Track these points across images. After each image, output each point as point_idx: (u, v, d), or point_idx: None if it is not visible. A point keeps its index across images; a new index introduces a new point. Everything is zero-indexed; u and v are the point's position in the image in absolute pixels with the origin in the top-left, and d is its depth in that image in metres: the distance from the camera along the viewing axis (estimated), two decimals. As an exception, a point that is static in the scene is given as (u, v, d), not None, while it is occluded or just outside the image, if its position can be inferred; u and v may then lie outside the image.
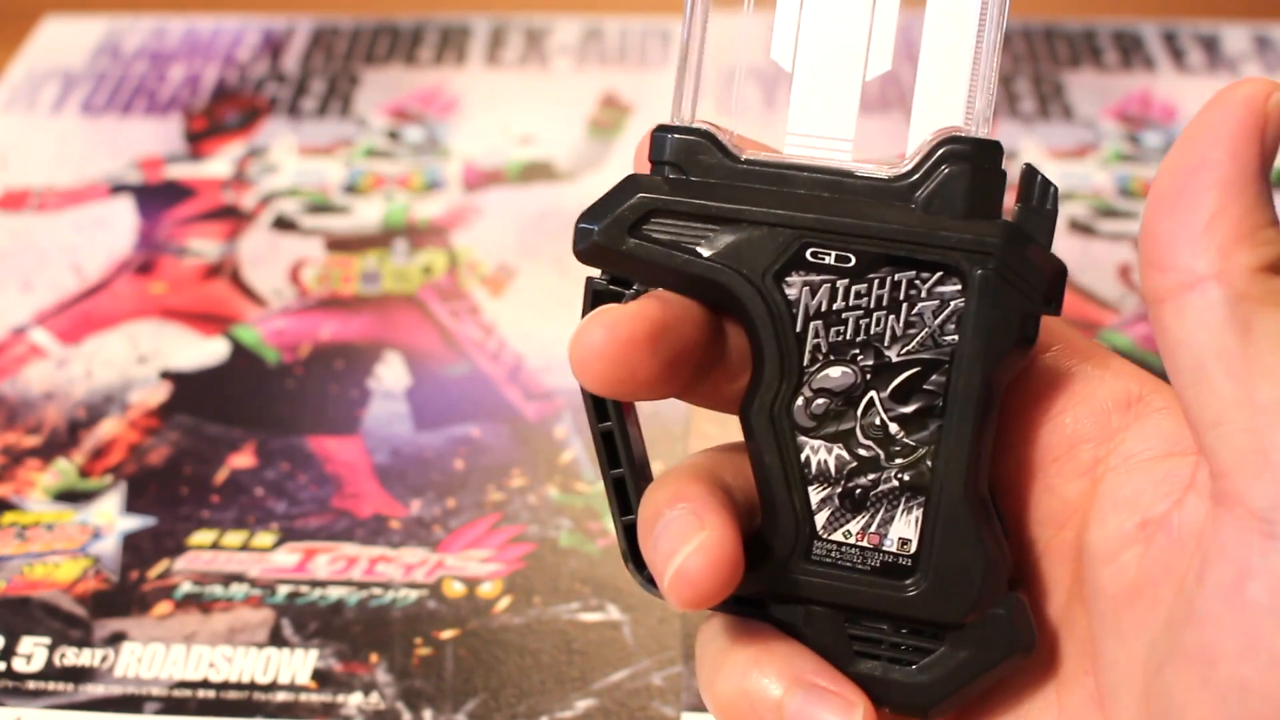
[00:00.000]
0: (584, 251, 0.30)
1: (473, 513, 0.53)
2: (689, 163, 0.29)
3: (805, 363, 0.29)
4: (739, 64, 0.31)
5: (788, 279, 0.29)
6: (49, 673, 0.47)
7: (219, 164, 0.73)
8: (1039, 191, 0.29)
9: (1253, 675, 0.26)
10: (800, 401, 0.29)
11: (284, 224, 0.69)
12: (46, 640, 0.48)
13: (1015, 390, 0.30)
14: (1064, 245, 0.67)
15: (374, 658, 0.47)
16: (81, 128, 0.77)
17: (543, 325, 0.62)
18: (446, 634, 0.48)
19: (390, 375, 0.60)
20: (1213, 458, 0.27)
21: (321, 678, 0.47)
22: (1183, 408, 0.28)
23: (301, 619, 0.49)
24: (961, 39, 0.29)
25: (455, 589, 0.50)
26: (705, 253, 0.29)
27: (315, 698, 0.46)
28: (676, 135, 0.29)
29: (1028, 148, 0.74)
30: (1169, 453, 0.29)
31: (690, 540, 0.28)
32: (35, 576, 0.51)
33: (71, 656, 0.47)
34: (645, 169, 0.30)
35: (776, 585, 0.30)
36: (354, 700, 0.46)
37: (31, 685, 0.47)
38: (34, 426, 0.57)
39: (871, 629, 0.30)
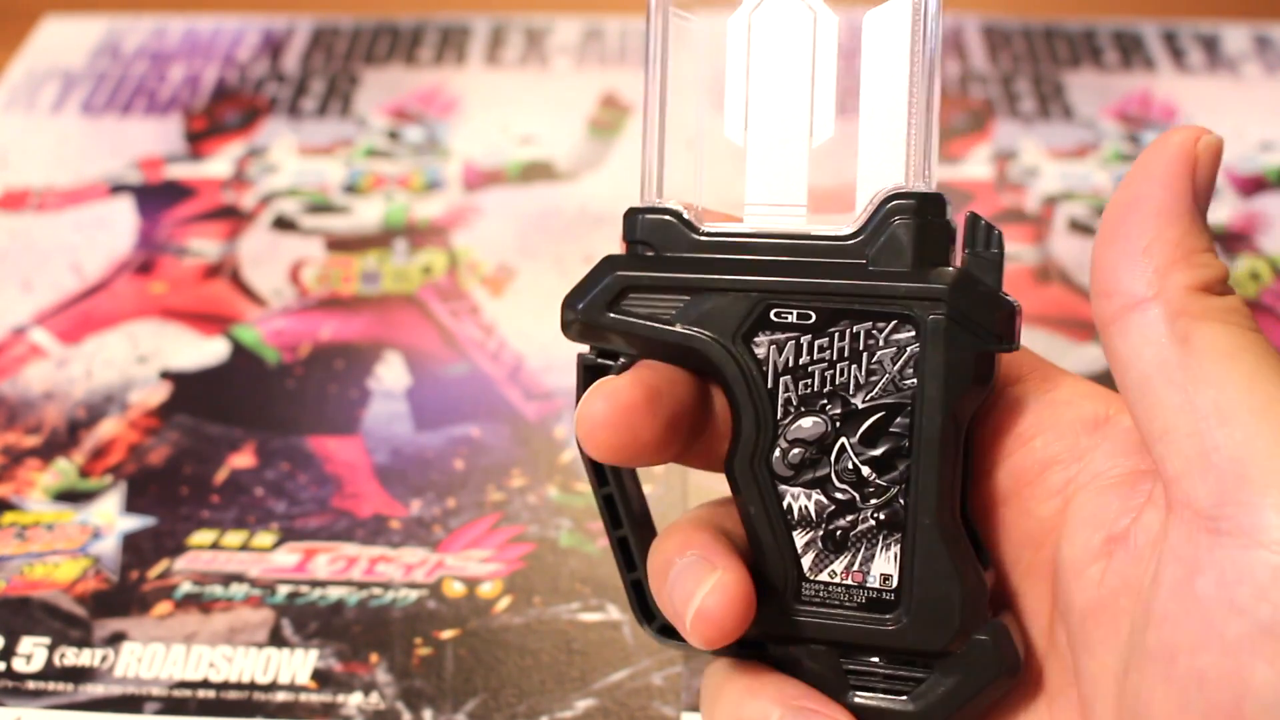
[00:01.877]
0: (570, 328, 0.32)
1: (473, 513, 0.53)
2: (659, 240, 0.31)
3: (779, 416, 0.31)
4: (699, 151, 0.32)
5: (755, 339, 0.31)
6: (49, 673, 0.47)
7: (219, 164, 0.73)
8: (983, 236, 0.30)
9: (1209, 665, 0.27)
10: (778, 453, 0.31)
11: (284, 224, 0.69)
12: (46, 640, 0.48)
13: (988, 419, 0.32)
14: (1064, 245, 0.67)
15: (374, 658, 0.47)
16: (81, 128, 0.77)
17: (543, 325, 0.62)
18: (446, 634, 0.48)
19: (390, 375, 0.60)
20: (1163, 467, 0.28)
21: (321, 678, 0.47)
22: (1135, 424, 0.29)
23: (301, 619, 0.49)
24: (894, 101, 0.31)
25: (455, 589, 0.50)
26: (679, 321, 0.31)
27: (315, 698, 0.46)
28: (646, 216, 0.32)
29: (1028, 148, 0.74)
30: (1135, 469, 0.30)
31: (705, 581, 0.30)
32: (35, 576, 0.51)
33: (71, 656, 0.47)
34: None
35: (771, 626, 0.32)
36: (354, 700, 0.46)
37: (31, 685, 0.47)
38: (34, 426, 0.57)
39: (864, 662, 0.32)
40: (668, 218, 0.31)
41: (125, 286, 0.65)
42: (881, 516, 0.31)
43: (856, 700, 0.32)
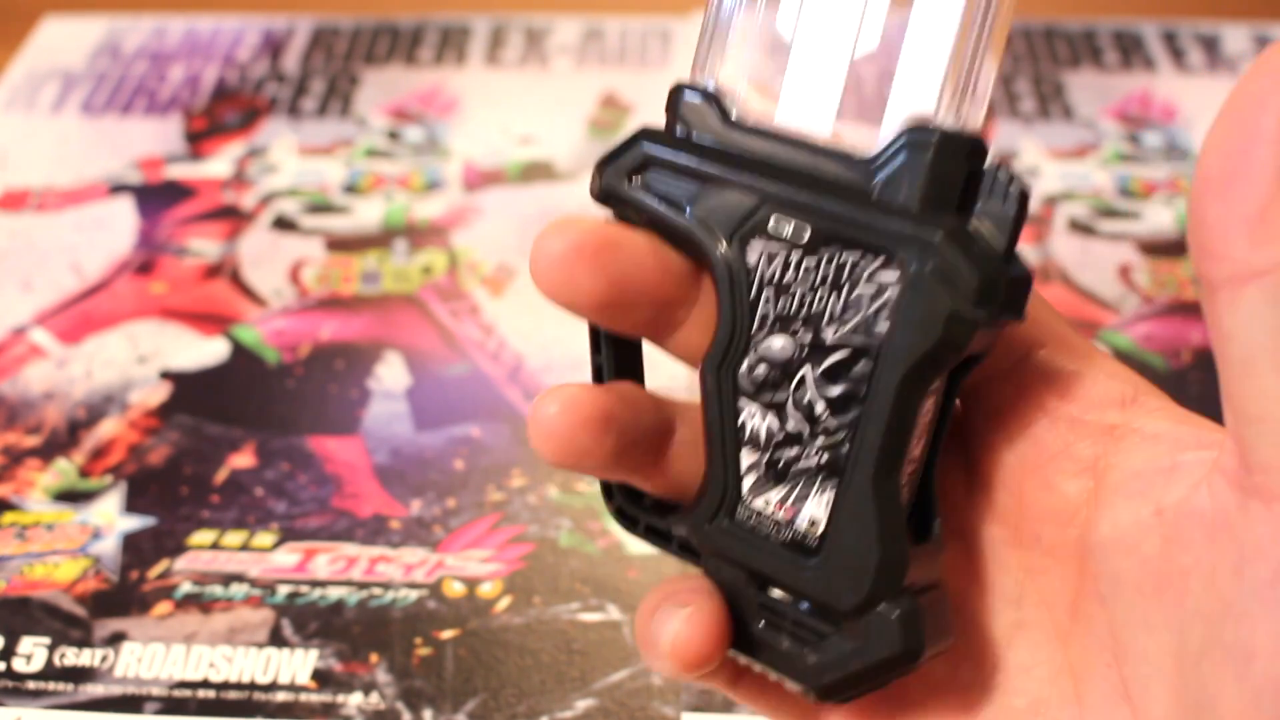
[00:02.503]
0: (595, 190, 0.32)
1: (473, 513, 0.53)
2: (693, 121, 0.31)
3: (754, 328, 0.30)
4: (751, 33, 0.31)
5: (751, 244, 0.30)
6: (49, 673, 0.47)
7: (219, 164, 0.73)
8: (1001, 189, 0.28)
9: None
10: (746, 365, 0.30)
11: (284, 224, 0.69)
12: (46, 640, 0.48)
13: (1010, 387, 0.31)
14: (1064, 245, 0.67)
15: (374, 658, 0.47)
16: (81, 128, 0.77)
17: (543, 325, 0.62)
18: (446, 634, 0.48)
19: (390, 375, 0.60)
20: (1251, 452, 0.26)
21: (321, 678, 0.47)
22: (1224, 397, 0.27)
23: (301, 619, 0.49)
24: (944, 25, 0.28)
25: (455, 589, 0.50)
26: (687, 208, 0.30)
27: (315, 698, 0.46)
28: (686, 94, 0.31)
29: (1028, 148, 0.74)
30: (1172, 449, 0.29)
31: (554, 391, 0.30)
32: (35, 576, 0.51)
33: (71, 656, 0.47)
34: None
35: (702, 537, 0.31)
36: (354, 700, 0.46)
37: (31, 685, 0.47)
38: (34, 426, 0.57)
39: (781, 602, 0.31)
40: (703, 100, 0.30)
41: (125, 286, 0.65)
42: (824, 459, 0.29)
43: (761, 633, 0.31)
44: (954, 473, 0.32)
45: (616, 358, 0.33)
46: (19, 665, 0.47)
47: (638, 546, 0.51)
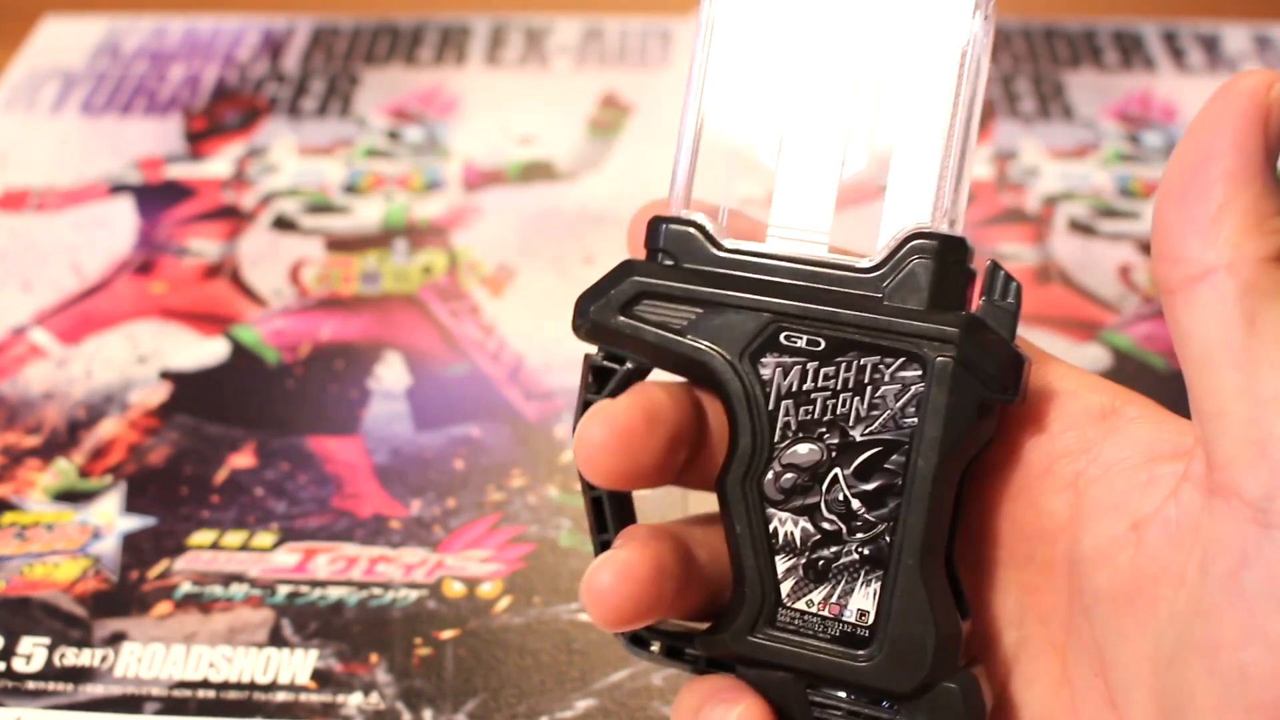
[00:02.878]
0: (581, 328, 0.32)
1: (473, 513, 0.53)
2: (680, 250, 0.32)
3: (776, 439, 0.31)
4: (730, 161, 0.32)
5: (762, 360, 0.31)
6: (49, 673, 0.47)
7: (219, 164, 0.73)
8: (1001, 286, 0.31)
9: (1251, 662, 0.26)
10: (770, 475, 0.31)
11: (284, 224, 0.69)
12: (46, 640, 0.48)
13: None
14: (1064, 245, 0.67)
15: (374, 658, 0.47)
16: (81, 128, 0.77)
17: (543, 325, 0.62)
18: (446, 634, 0.48)
19: (390, 375, 0.60)
20: (1212, 449, 0.27)
21: (321, 678, 0.47)
22: (1189, 398, 0.28)
23: (301, 619, 0.49)
24: (930, 141, 0.31)
25: (455, 589, 0.50)
26: (689, 333, 0.31)
27: (315, 698, 0.46)
28: (671, 226, 0.32)
29: (1028, 148, 0.74)
30: (1149, 458, 0.30)
31: (605, 560, 0.30)
32: (35, 576, 0.51)
33: (71, 656, 0.47)
34: (640, 251, 0.32)
35: (743, 649, 0.32)
36: (354, 700, 0.46)
37: (31, 685, 0.47)
38: (34, 426, 0.57)
39: (830, 696, 0.32)
40: (691, 230, 0.31)
41: (125, 286, 0.65)
42: (866, 552, 0.31)
43: None
44: None
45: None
46: (19, 665, 0.47)
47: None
